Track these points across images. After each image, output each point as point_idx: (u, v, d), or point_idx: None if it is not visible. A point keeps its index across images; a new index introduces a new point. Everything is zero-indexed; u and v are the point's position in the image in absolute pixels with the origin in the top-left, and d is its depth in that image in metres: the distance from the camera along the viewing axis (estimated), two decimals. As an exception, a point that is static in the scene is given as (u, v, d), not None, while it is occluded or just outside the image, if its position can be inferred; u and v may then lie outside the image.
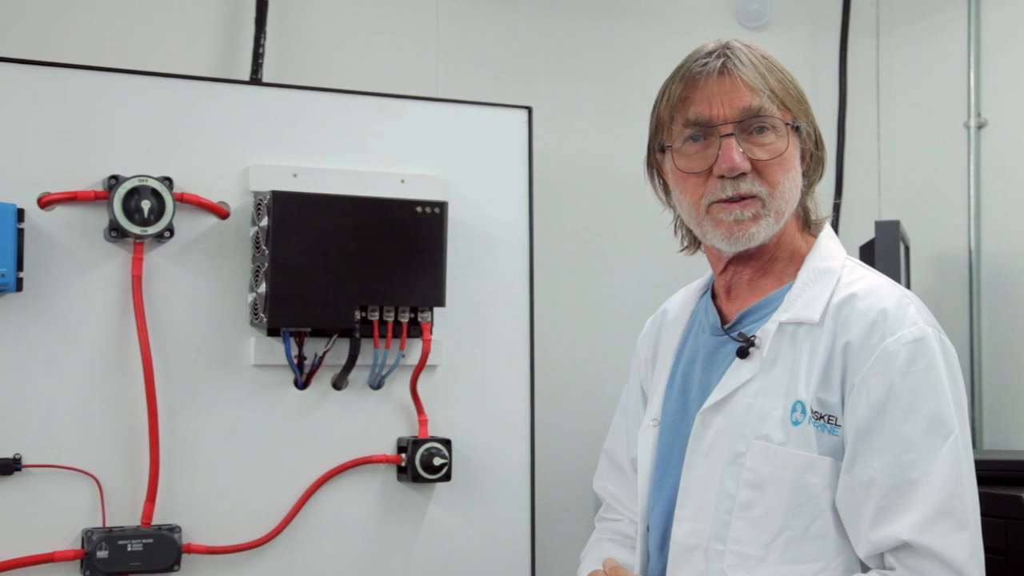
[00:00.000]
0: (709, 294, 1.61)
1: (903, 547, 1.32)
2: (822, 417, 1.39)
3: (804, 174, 1.51)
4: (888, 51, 3.07)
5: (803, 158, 1.50)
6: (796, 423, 1.40)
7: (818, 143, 1.51)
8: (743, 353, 1.46)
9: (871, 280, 1.45)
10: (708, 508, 1.44)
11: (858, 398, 1.37)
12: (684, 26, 2.91)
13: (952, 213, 2.83)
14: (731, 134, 1.41)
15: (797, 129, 1.46)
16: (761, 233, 1.43)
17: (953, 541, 1.31)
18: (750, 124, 1.42)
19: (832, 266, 1.48)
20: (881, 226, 2.41)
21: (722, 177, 1.42)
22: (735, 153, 1.41)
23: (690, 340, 1.60)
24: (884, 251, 2.36)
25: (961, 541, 1.32)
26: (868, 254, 2.45)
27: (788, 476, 1.39)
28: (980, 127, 2.79)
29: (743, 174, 1.42)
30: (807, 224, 1.54)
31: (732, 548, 1.41)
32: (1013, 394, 2.69)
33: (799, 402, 1.40)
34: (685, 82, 1.46)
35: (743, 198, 1.42)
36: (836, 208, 3.00)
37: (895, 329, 1.37)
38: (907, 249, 2.60)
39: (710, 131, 1.43)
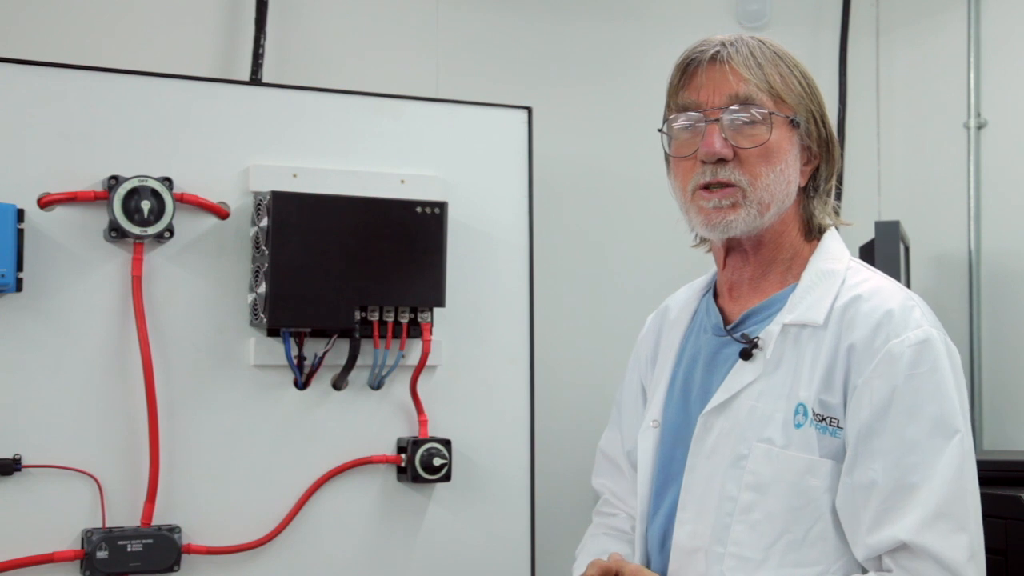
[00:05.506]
0: (711, 293, 1.60)
1: (901, 548, 1.32)
2: (824, 419, 1.39)
3: (811, 176, 1.50)
4: (888, 51, 3.06)
5: (807, 158, 1.49)
6: (798, 426, 1.40)
7: (825, 144, 1.49)
8: (746, 355, 1.45)
9: (876, 282, 1.44)
10: (709, 510, 1.43)
11: (860, 400, 1.37)
12: (684, 26, 2.91)
13: (952, 213, 2.83)
14: (716, 120, 1.42)
15: (795, 124, 1.46)
16: (740, 222, 1.43)
17: (952, 543, 1.31)
18: (737, 112, 1.42)
19: (836, 268, 1.47)
20: (881, 226, 2.41)
21: (704, 163, 1.43)
22: (715, 138, 1.42)
23: (691, 340, 1.59)
24: (884, 251, 2.36)
25: (960, 543, 1.31)
26: (868, 254, 2.45)
27: (789, 479, 1.38)
28: (980, 127, 2.79)
29: (724, 161, 1.42)
30: (810, 229, 1.52)
31: (732, 551, 1.41)
32: (1013, 394, 2.69)
33: (801, 404, 1.40)
34: (680, 69, 1.48)
35: (723, 185, 1.43)
36: (836, 208, 2.99)
37: (900, 331, 1.37)
38: (907, 249, 2.60)
39: (700, 118, 1.44)
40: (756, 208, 1.43)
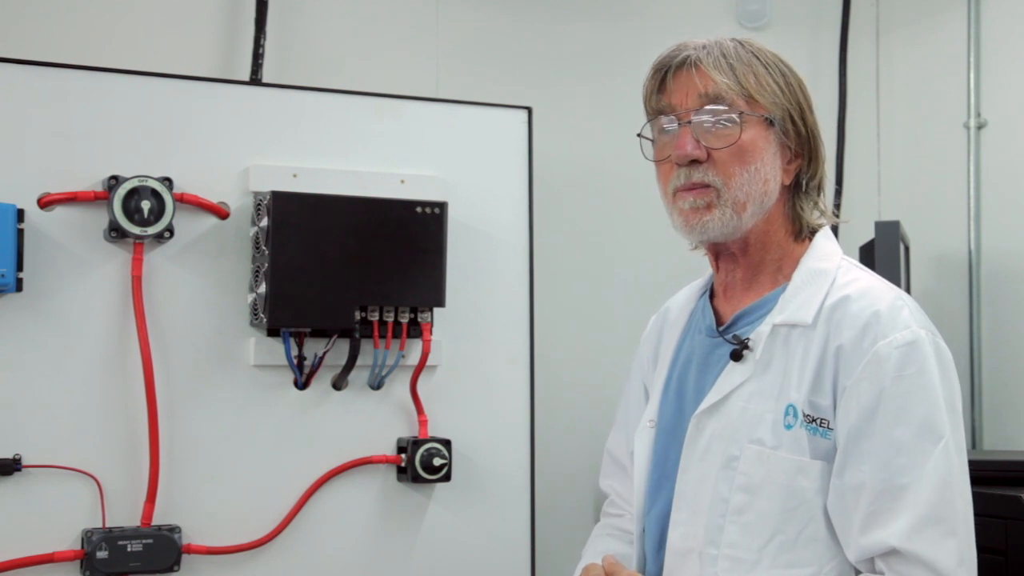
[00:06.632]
0: (707, 294, 1.61)
1: (892, 553, 1.32)
2: (814, 420, 1.39)
3: (796, 175, 1.50)
4: (888, 51, 3.07)
5: (788, 156, 1.48)
6: (788, 427, 1.40)
7: (807, 142, 1.49)
8: (737, 356, 1.46)
9: (866, 282, 1.44)
10: (702, 512, 1.43)
11: (849, 402, 1.37)
12: (684, 26, 2.91)
13: (952, 213, 2.83)
14: (687, 122, 1.44)
15: (771, 123, 1.45)
16: (716, 223, 1.44)
17: (942, 548, 1.31)
18: (707, 114, 1.43)
19: (827, 267, 1.47)
20: (881, 226, 2.41)
21: (679, 165, 1.45)
22: (687, 140, 1.43)
23: (687, 341, 1.59)
24: (884, 251, 2.36)
25: (949, 548, 1.32)
26: (868, 254, 2.45)
27: (781, 480, 1.39)
28: (980, 127, 2.79)
29: (697, 162, 1.43)
30: (799, 228, 1.52)
31: (725, 552, 1.41)
32: (1013, 394, 2.69)
33: (791, 405, 1.40)
34: (653, 74, 1.50)
35: (696, 187, 1.44)
36: (836, 208, 3.00)
37: (887, 332, 1.36)
38: (907, 249, 2.60)
39: (674, 121, 1.46)
40: (731, 208, 1.43)
